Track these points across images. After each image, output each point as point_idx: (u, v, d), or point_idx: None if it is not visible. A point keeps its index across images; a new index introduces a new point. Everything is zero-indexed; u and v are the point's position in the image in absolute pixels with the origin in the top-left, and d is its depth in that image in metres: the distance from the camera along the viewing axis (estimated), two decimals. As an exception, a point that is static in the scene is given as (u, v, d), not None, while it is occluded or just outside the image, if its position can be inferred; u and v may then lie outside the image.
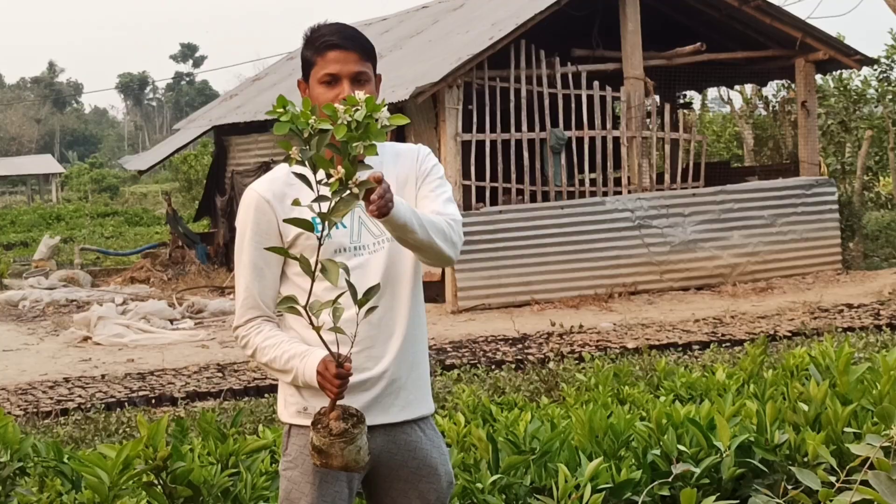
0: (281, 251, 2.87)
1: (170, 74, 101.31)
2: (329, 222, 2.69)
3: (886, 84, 23.12)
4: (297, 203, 2.75)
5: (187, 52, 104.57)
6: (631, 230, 16.32)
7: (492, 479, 3.96)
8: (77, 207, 42.39)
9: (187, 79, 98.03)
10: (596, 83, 16.63)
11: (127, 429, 7.43)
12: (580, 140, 16.63)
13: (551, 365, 8.78)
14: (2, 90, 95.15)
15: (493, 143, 16.04)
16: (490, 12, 17.88)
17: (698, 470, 3.95)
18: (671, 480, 3.94)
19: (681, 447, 4.06)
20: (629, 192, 16.63)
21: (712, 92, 27.25)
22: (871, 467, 3.00)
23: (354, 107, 2.60)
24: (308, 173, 2.66)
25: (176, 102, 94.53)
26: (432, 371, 8.92)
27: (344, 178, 2.60)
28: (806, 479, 3.34)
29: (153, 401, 9.61)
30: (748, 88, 26.05)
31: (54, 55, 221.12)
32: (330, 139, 2.62)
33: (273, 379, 5.23)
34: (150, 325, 14.66)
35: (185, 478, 3.74)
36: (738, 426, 4.19)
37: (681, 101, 21.69)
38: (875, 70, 22.58)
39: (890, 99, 22.89)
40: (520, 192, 16.25)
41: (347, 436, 2.83)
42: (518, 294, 15.56)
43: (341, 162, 2.62)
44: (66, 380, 11.05)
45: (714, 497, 3.71)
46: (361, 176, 2.67)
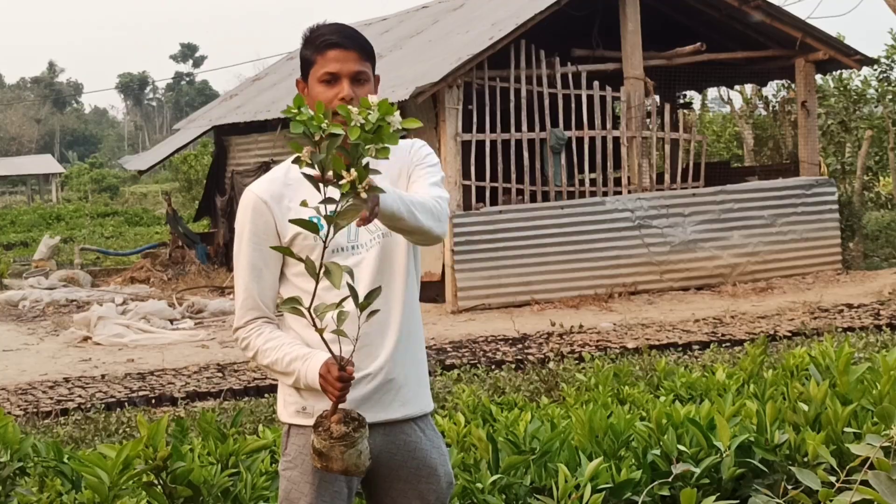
0: (286, 251, 2.87)
1: (170, 74, 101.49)
2: (335, 226, 2.68)
3: (886, 84, 23.12)
4: (305, 204, 2.75)
5: (187, 52, 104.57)
6: (631, 230, 16.32)
7: (492, 479, 3.96)
8: (77, 207, 42.40)
9: (187, 79, 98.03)
10: (596, 83, 16.63)
11: (127, 429, 7.43)
12: (580, 140, 16.63)
13: (551, 365, 8.78)
14: (2, 90, 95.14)
15: (493, 143, 16.03)
16: (490, 12, 17.88)
17: (698, 470, 3.95)
18: (671, 480, 3.94)
19: (681, 447, 4.06)
20: (629, 192, 16.63)
21: (712, 92, 27.27)
22: (871, 467, 3.00)
23: (368, 109, 2.60)
24: (316, 175, 2.64)
25: (176, 102, 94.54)
26: (432, 371, 8.92)
27: (356, 182, 2.60)
28: (806, 479, 3.34)
29: (153, 401, 9.61)
30: (748, 88, 26.06)
31: (54, 55, 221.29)
32: (341, 142, 2.61)
33: (273, 379, 5.24)
34: (150, 325, 14.66)
35: (185, 478, 3.74)
36: (738, 426, 4.19)
37: (681, 101, 21.69)
38: (875, 70, 22.58)
39: (890, 99, 22.89)
40: (520, 192, 16.25)
41: (348, 439, 2.83)
42: (518, 294, 15.56)
43: (351, 165, 2.61)
44: (66, 380, 11.05)
45: (714, 497, 3.71)
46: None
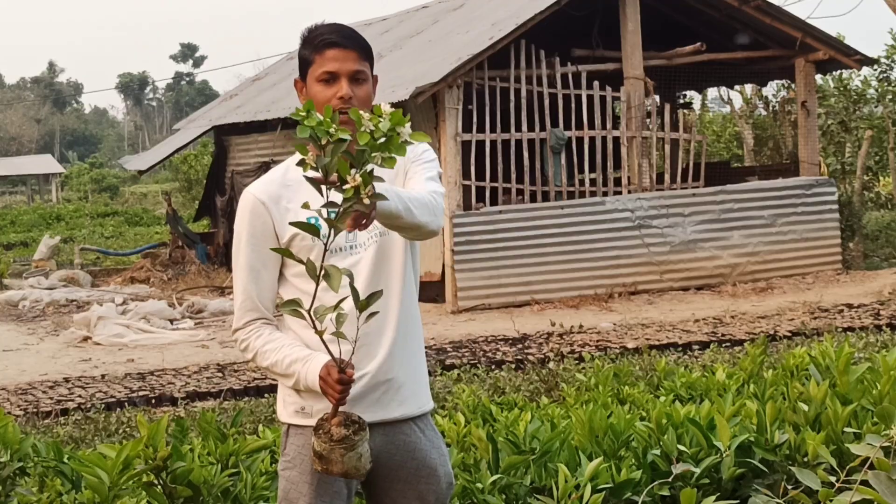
0: (286, 253, 2.87)
1: (170, 74, 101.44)
2: (336, 229, 2.68)
3: (886, 84, 23.12)
4: (308, 206, 2.75)
5: (187, 52, 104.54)
6: (631, 230, 16.32)
7: (492, 479, 3.96)
8: (77, 207, 42.41)
9: (187, 79, 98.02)
10: (596, 83, 16.63)
11: (127, 429, 7.43)
12: (580, 140, 16.63)
13: (551, 365, 8.78)
14: (2, 90, 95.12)
15: (493, 143, 16.03)
16: (490, 12, 17.88)
17: (698, 470, 3.95)
18: (671, 480, 3.94)
19: (681, 447, 4.06)
20: (629, 192, 16.63)
21: (712, 92, 27.27)
22: (871, 467, 3.00)
23: (380, 116, 2.59)
24: (319, 179, 2.64)
25: (176, 102, 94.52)
26: (432, 371, 8.92)
27: (361, 188, 2.59)
28: (806, 479, 3.34)
29: (153, 401, 9.61)
30: (748, 88, 26.06)
31: (54, 55, 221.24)
32: (346, 148, 2.61)
33: (273, 379, 5.24)
34: (150, 325, 14.66)
35: (185, 478, 3.74)
36: (738, 426, 4.19)
37: (681, 101, 21.69)
38: (875, 70, 22.59)
39: (890, 99, 22.89)
40: (520, 192, 16.25)
41: (348, 442, 2.83)
42: (518, 294, 15.56)
43: (356, 170, 2.61)
44: (66, 380, 11.04)
45: (714, 497, 3.71)
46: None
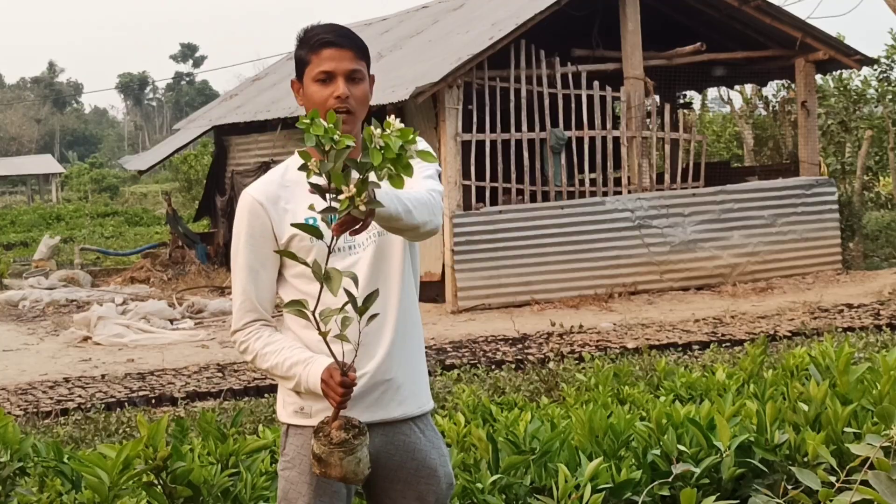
0: (289, 255, 2.87)
1: (170, 74, 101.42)
2: (336, 233, 2.69)
3: (886, 84, 23.12)
4: (312, 208, 2.74)
5: (187, 52, 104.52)
6: (631, 230, 16.32)
7: (492, 479, 3.96)
8: (77, 207, 42.41)
9: (187, 79, 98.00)
10: (596, 83, 16.63)
11: (127, 429, 7.43)
12: (580, 140, 16.63)
13: (551, 365, 8.78)
14: (2, 90, 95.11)
15: (493, 143, 16.03)
16: (490, 12, 17.88)
17: (698, 470, 3.95)
18: (671, 480, 3.94)
19: (681, 447, 4.06)
20: (629, 192, 16.63)
21: (712, 92, 27.27)
22: (871, 467, 3.00)
23: (389, 131, 2.58)
24: (323, 185, 2.64)
25: (176, 102, 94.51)
26: (432, 371, 8.92)
27: (354, 197, 2.59)
28: (806, 479, 3.34)
29: (153, 401, 9.61)
30: (748, 88, 26.06)
31: (54, 55, 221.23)
32: (349, 154, 2.61)
33: (273, 379, 5.24)
34: (150, 325, 14.66)
35: (185, 478, 3.74)
36: (738, 426, 4.19)
37: (681, 101, 21.69)
38: (875, 70, 22.59)
39: (890, 99, 22.89)
40: (520, 192, 16.25)
41: (347, 446, 2.83)
42: (518, 294, 15.56)
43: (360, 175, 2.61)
44: (66, 380, 11.05)
45: (714, 497, 3.71)
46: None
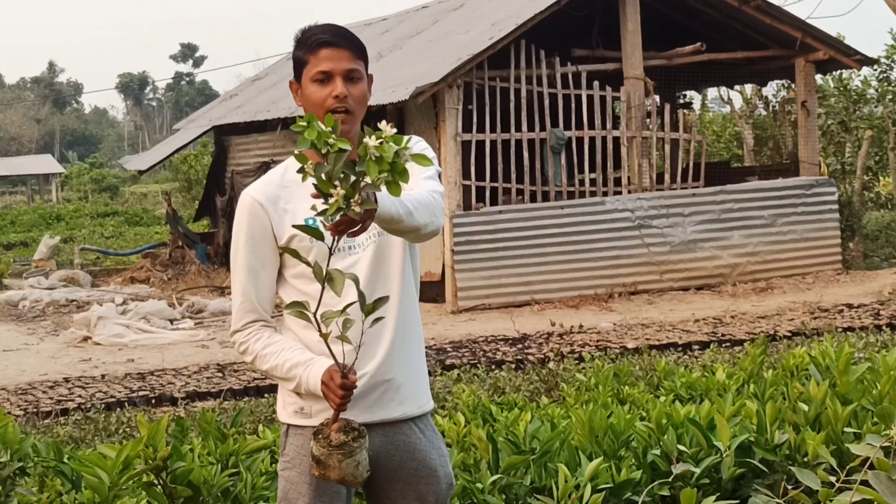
0: (293, 253, 2.86)
1: (170, 74, 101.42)
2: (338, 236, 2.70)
3: (886, 84, 23.12)
4: (315, 209, 2.74)
5: (187, 52, 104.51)
6: (631, 230, 16.32)
7: (492, 479, 3.95)
8: (77, 207, 42.41)
9: (187, 79, 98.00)
10: (596, 83, 16.63)
11: (127, 429, 7.43)
12: (580, 140, 16.63)
13: (551, 365, 8.78)
14: (2, 90, 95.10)
15: (493, 143, 16.03)
16: (490, 12, 17.88)
17: (698, 470, 3.95)
18: (671, 480, 3.94)
19: (681, 447, 4.06)
20: (629, 192, 16.63)
21: (712, 92, 27.27)
22: (871, 467, 3.00)
23: (381, 138, 2.58)
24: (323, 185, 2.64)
25: (176, 102, 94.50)
26: (432, 371, 8.92)
27: (341, 200, 2.58)
28: (806, 479, 3.34)
29: (153, 401, 9.61)
30: (748, 88, 26.06)
31: (54, 55, 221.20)
32: (347, 157, 2.61)
33: (273, 380, 5.24)
34: (150, 325, 14.66)
35: (185, 478, 3.74)
36: (738, 426, 4.19)
37: (681, 101, 21.69)
38: (875, 70, 22.59)
39: (890, 99, 22.89)
40: (520, 192, 16.25)
41: (346, 449, 2.83)
42: (518, 294, 15.56)
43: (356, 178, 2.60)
44: (66, 380, 11.05)
45: (714, 497, 3.71)
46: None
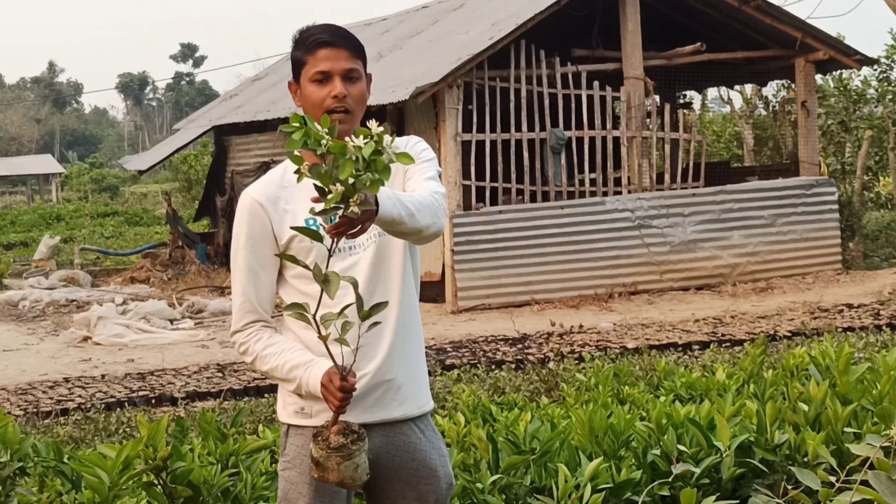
0: (290, 258, 2.86)
1: (170, 74, 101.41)
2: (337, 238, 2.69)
3: (886, 84, 23.12)
4: (314, 211, 2.74)
5: (187, 52, 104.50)
6: (631, 230, 16.32)
7: (492, 479, 3.95)
8: (77, 207, 42.40)
9: (187, 79, 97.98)
10: (596, 83, 16.63)
11: (127, 429, 7.43)
12: (580, 140, 16.63)
13: (551, 365, 8.78)
14: (2, 90, 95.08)
15: (493, 143, 16.03)
16: (490, 12, 17.88)
17: (698, 470, 3.95)
18: (671, 480, 3.94)
19: (681, 447, 4.06)
20: (629, 192, 16.63)
21: (712, 92, 27.26)
22: (871, 467, 3.00)
23: (364, 138, 2.58)
24: (322, 186, 2.64)
25: (176, 102, 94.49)
26: (432, 371, 8.92)
27: (340, 200, 2.58)
28: (806, 479, 3.34)
29: (153, 401, 9.61)
30: (748, 88, 26.06)
31: (54, 55, 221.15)
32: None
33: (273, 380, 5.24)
34: (150, 325, 14.66)
35: (185, 478, 3.74)
36: (738, 426, 4.19)
37: (681, 101, 21.68)
38: (875, 70, 22.59)
39: (890, 99, 22.89)
40: (520, 192, 16.25)
41: (345, 451, 2.83)
42: (518, 294, 15.56)
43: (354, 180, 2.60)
44: (66, 380, 11.05)
45: (714, 497, 3.71)
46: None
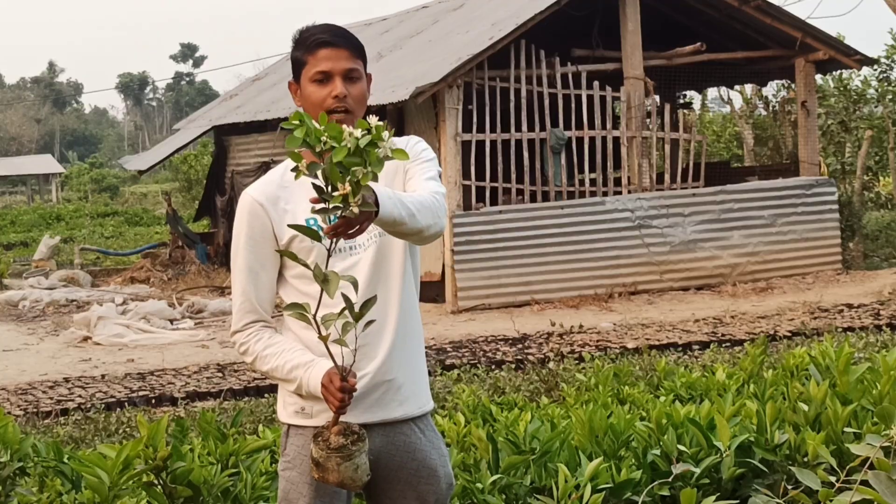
0: (291, 255, 2.86)
1: (170, 74, 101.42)
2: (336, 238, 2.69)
3: (886, 84, 23.12)
4: (314, 212, 2.74)
5: (187, 52, 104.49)
6: (631, 230, 16.32)
7: (492, 479, 3.95)
8: (77, 207, 42.40)
9: (187, 79, 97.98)
10: (596, 83, 16.63)
11: (127, 429, 7.43)
12: (580, 140, 16.63)
13: (551, 365, 8.78)
14: (2, 90, 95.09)
15: (493, 143, 16.03)
16: (490, 12, 17.88)
17: (698, 470, 3.95)
18: (671, 480, 3.94)
19: (681, 447, 4.06)
20: (629, 192, 16.63)
21: (712, 92, 27.27)
22: (871, 467, 3.00)
23: (362, 130, 2.59)
24: (321, 185, 2.64)
25: (176, 102, 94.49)
26: (432, 371, 8.92)
27: (350, 196, 2.58)
28: (806, 479, 3.34)
29: (153, 401, 9.61)
30: (748, 88, 26.06)
31: (54, 55, 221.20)
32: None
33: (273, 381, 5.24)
34: (150, 325, 14.66)
35: (185, 478, 3.74)
36: (738, 426, 4.19)
37: (681, 101, 21.69)
38: (875, 70, 22.59)
39: (890, 99, 22.89)
40: (520, 192, 16.25)
41: (345, 452, 2.83)
42: (518, 294, 15.56)
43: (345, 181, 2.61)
44: (66, 380, 11.05)
45: (714, 497, 3.71)
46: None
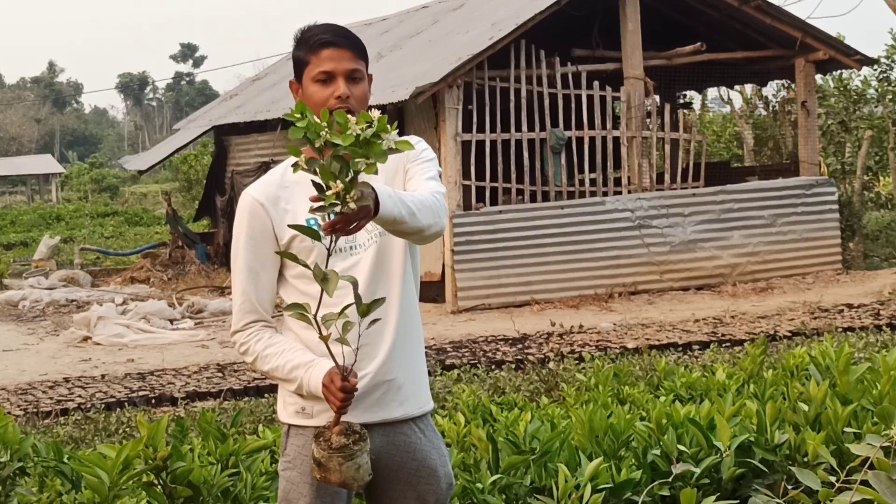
0: (290, 256, 2.86)
1: (170, 74, 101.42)
2: (335, 235, 2.69)
3: (886, 84, 23.12)
4: (313, 210, 2.74)
5: (187, 52, 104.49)
6: (631, 230, 16.32)
7: (492, 479, 3.95)
8: (77, 207, 42.41)
9: (187, 79, 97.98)
10: (596, 83, 16.63)
11: (127, 429, 7.43)
12: (580, 140, 16.63)
13: (551, 365, 8.78)
14: (2, 90, 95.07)
15: (493, 143, 16.03)
16: (490, 12, 17.88)
17: (698, 470, 3.95)
18: (671, 480, 3.94)
19: (681, 447, 4.06)
20: (629, 192, 16.63)
21: (712, 92, 27.27)
22: (871, 467, 3.00)
23: (367, 122, 2.59)
24: (320, 182, 2.64)
25: (176, 102, 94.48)
26: (432, 371, 8.91)
27: (341, 193, 2.59)
28: (806, 479, 3.34)
29: (153, 401, 9.61)
30: (748, 88, 26.06)
31: (54, 55, 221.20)
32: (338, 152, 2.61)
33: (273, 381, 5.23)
34: (150, 325, 14.66)
35: (185, 478, 3.74)
36: (738, 426, 4.19)
37: (681, 101, 21.69)
38: (875, 70, 22.59)
39: (890, 99, 22.89)
40: (520, 192, 16.25)
41: (346, 451, 2.83)
42: (518, 294, 15.56)
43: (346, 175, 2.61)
44: (66, 380, 11.05)
45: (714, 497, 3.71)
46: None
